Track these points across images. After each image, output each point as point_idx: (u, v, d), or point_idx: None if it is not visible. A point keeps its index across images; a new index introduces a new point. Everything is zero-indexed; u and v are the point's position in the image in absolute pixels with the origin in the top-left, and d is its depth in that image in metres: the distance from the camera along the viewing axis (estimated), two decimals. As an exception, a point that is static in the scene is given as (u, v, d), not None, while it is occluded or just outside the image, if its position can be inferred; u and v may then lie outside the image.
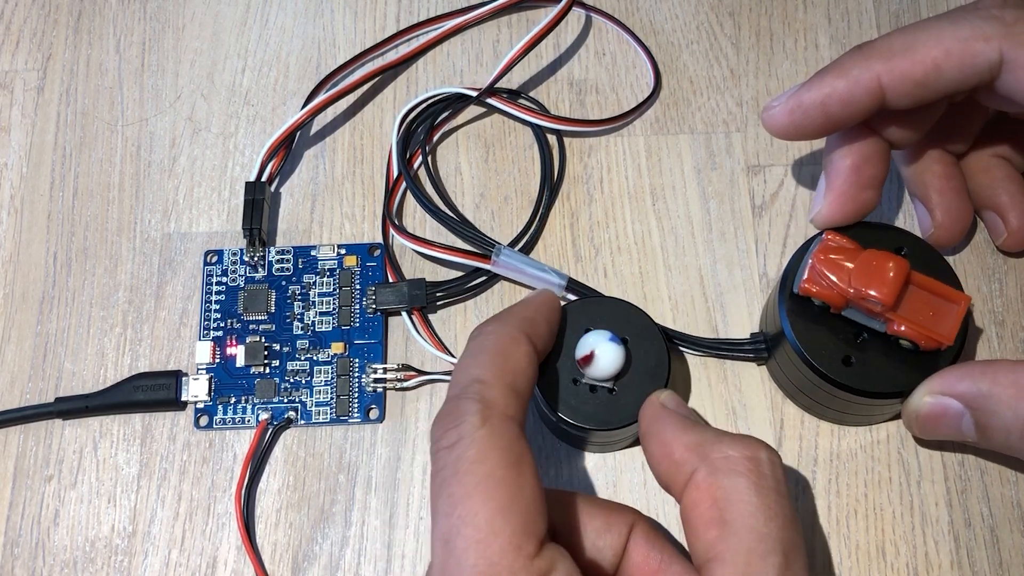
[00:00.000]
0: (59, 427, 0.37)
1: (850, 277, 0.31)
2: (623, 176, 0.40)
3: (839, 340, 0.32)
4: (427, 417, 0.36)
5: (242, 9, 0.43)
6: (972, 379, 0.30)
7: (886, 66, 0.30)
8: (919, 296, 0.31)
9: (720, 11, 0.42)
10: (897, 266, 0.31)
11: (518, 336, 0.29)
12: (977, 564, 0.34)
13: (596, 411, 0.32)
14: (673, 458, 0.28)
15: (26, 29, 0.43)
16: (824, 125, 0.32)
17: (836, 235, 0.32)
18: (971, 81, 0.30)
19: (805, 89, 0.31)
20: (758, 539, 0.25)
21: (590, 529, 0.28)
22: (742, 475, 0.26)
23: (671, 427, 0.28)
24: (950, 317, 0.31)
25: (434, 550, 0.25)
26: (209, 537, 0.35)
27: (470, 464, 0.25)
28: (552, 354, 0.33)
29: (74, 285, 0.39)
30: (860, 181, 0.33)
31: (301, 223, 0.39)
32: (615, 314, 0.33)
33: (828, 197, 0.33)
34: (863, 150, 0.33)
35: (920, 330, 0.31)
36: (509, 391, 0.27)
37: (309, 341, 0.37)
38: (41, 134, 0.41)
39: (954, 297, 0.31)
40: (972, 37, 0.30)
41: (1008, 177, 0.36)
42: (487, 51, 0.42)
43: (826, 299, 0.32)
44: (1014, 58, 0.29)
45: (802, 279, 0.32)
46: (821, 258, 0.32)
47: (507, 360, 0.28)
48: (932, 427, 0.32)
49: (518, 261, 0.37)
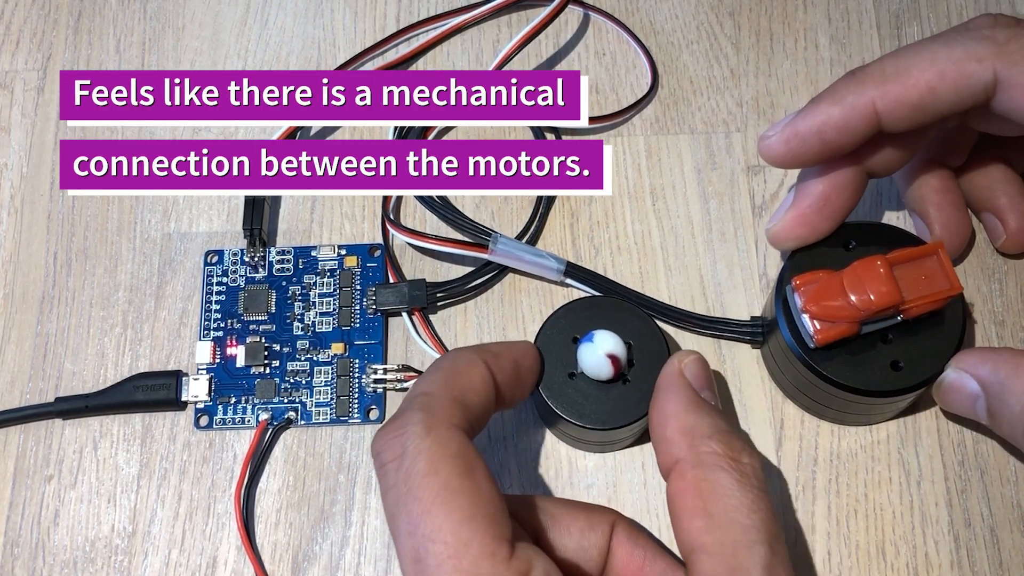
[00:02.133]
0: (59, 427, 0.37)
1: (850, 301, 0.31)
2: (623, 176, 0.40)
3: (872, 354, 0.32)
4: (427, 417, 0.36)
5: (242, 9, 0.43)
6: (993, 364, 0.31)
7: (880, 91, 0.30)
8: (904, 272, 0.31)
9: (720, 11, 0.42)
10: (881, 263, 0.31)
11: (475, 360, 0.29)
12: (977, 564, 0.34)
13: (596, 411, 0.32)
14: (664, 433, 0.28)
15: (26, 29, 0.43)
16: (821, 152, 0.32)
17: (802, 277, 0.32)
18: (966, 102, 0.30)
19: (800, 118, 0.31)
20: (742, 531, 0.26)
21: (574, 529, 0.28)
22: (725, 471, 0.27)
23: (675, 400, 0.29)
24: (939, 269, 0.31)
25: (404, 570, 0.25)
26: (209, 537, 0.35)
27: (423, 477, 0.24)
28: (552, 354, 0.33)
29: (74, 285, 0.39)
30: (824, 209, 0.33)
31: (301, 223, 0.40)
32: (615, 314, 0.33)
33: (788, 215, 0.33)
34: (837, 179, 0.32)
35: (930, 298, 0.31)
36: (454, 402, 0.27)
37: (309, 341, 0.37)
38: (41, 134, 0.41)
39: (928, 251, 0.31)
40: (965, 58, 0.30)
41: (1007, 179, 0.36)
42: (487, 51, 0.42)
43: (845, 334, 0.31)
44: (1008, 78, 0.29)
45: (812, 337, 0.31)
46: (812, 308, 0.31)
47: (457, 377, 0.28)
48: (950, 400, 0.32)
49: (515, 248, 0.37)
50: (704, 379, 0.30)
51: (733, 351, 0.37)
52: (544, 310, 0.37)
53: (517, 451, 0.36)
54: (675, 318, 0.36)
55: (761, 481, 0.27)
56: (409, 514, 0.24)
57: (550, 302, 0.38)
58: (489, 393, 0.29)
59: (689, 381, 0.30)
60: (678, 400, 0.29)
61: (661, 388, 0.30)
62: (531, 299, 0.38)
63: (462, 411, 0.27)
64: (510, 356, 0.30)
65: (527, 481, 0.35)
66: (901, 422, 0.35)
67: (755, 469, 0.27)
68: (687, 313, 0.36)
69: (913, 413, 0.35)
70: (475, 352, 0.29)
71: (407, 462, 0.25)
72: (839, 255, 0.33)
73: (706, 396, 0.30)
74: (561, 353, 0.33)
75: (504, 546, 0.24)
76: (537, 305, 0.38)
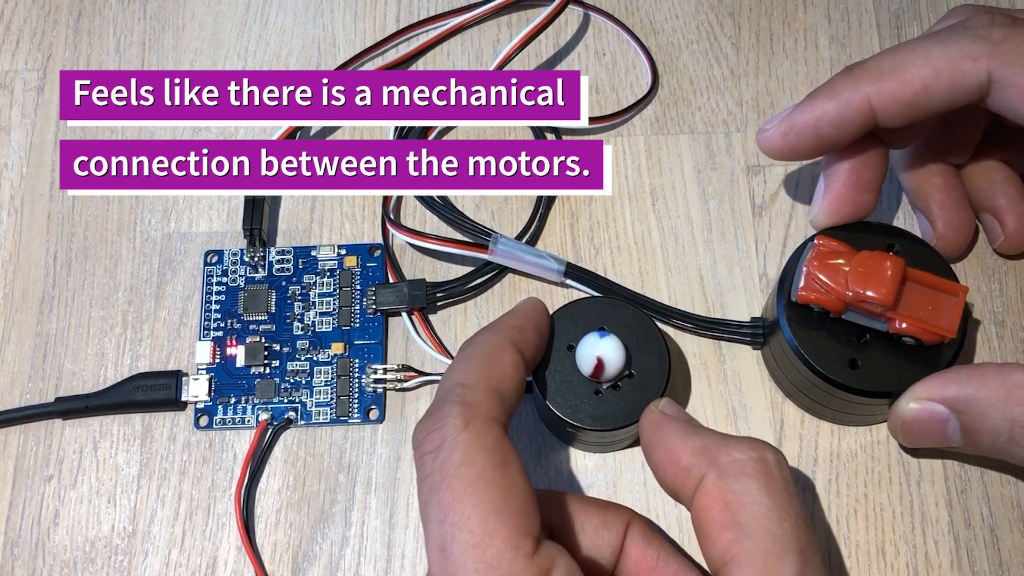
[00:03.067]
0: (59, 427, 0.37)
1: (847, 280, 0.31)
2: (623, 176, 0.40)
3: (841, 344, 0.32)
4: (427, 417, 0.36)
5: (242, 9, 0.43)
6: (958, 383, 0.30)
7: (875, 87, 0.31)
8: (917, 292, 0.31)
9: (720, 11, 0.42)
10: (893, 265, 0.31)
11: (505, 343, 0.29)
12: (977, 564, 0.34)
13: (596, 411, 0.32)
14: (680, 464, 0.27)
15: (26, 29, 0.43)
16: (817, 146, 0.32)
17: (828, 239, 0.32)
18: (961, 100, 0.30)
19: (798, 111, 0.32)
20: (773, 540, 0.25)
21: (588, 527, 0.28)
22: (752, 477, 0.26)
23: (675, 433, 0.28)
24: (950, 309, 0.31)
25: (430, 558, 0.25)
26: (209, 537, 0.35)
27: (457, 468, 0.25)
28: (552, 354, 0.33)
29: (74, 285, 0.39)
30: (858, 184, 0.33)
31: (301, 223, 0.40)
32: (615, 314, 0.33)
33: (827, 199, 0.33)
34: (861, 152, 0.33)
35: (922, 325, 0.31)
36: (492, 394, 0.27)
37: (309, 341, 0.37)
38: (41, 134, 0.41)
39: (951, 289, 0.31)
40: (961, 57, 0.30)
41: (1006, 180, 0.36)
42: (487, 51, 0.42)
43: (825, 305, 0.32)
44: (1002, 77, 0.29)
45: (799, 287, 0.32)
46: (816, 264, 0.32)
47: (492, 365, 0.28)
48: (917, 433, 0.32)
49: (516, 248, 0.37)
50: (684, 413, 0.30)
51: (733, 351, 0.37)
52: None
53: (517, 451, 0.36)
54: (676, 319, 0.36)
55: (788, 480, 0.26)
56: (440, 502, 0.25)
57: (550, 302, 0.37)
58: (522, 376, 0.29)
59: (674, 417, 0.29)
60: (677, 432, 0.28)
61: (653, 431, 0.29)
62: (531, 299, 0.38)
63: (499, 402, 0.27)
64: (531, 326, 0.31)
65: (527, 481, 0.35)
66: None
67: (781, 469, 0.26)
68: (687, 314, 0.36)
69: (913, 413, 0.35)
70: (504, 335, 0.29)
71: (444, 452, 0.25)
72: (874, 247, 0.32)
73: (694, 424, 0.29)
74: (562, 353, 0.33)
75: (529, 541, 0.24)
76: (537, 305, 0.38)
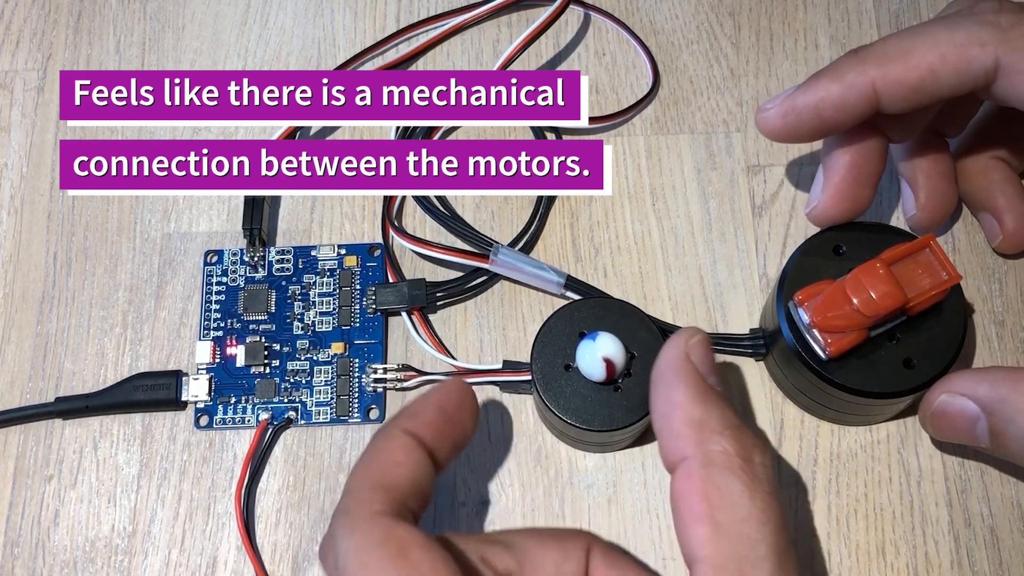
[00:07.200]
0: (59, 427, 0.37)
1: (857, 307, 0.30)
2: (623, 176, 0.40)
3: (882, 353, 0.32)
4: (427, 417, 0.36)
5: (242, 9, 0.43)
6: (991, 383, 0.30)
7: (881, 71, 0.30)
8: (902, 269, 0.31)
9: (720, 11, 0.42)
10: (881, 266, 0.30)
11: (392, 433, 0.27)
12: (977, 564, 0.34)
13: (597, 411, 0.32)
14: (670, 425, 0.27)
15: (26, 29, 0.43)
16: (818, 129, 0.32)
17: (802, 292, 0.32)
18: (967, 86, 0.30)
19: (800, 92, 0.31)
20: (751, 545, 0.25)
21: (548, 563, 0.26)
22: (737, 476, 0.25)
23: (683, 388, 0.27)
24: (936, 261, 0.31)
25: None
26: (209, 537, 0.35)
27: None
28: (552, 354, 0.33)
29: (74, 285, 0.39)
30: (858, 178, 0.33)
31: (301, 223, 0.40)
32: (615, 315, 0.33)
33: (826, 193, 0.33)
34: (862, 146, 0.33)
35: (932, 291, 0.31)
36: (375, 489, 0.26)
37: (309, 341, 0.37)
38: (41, 134, 0.41)
39: (921, 244, 0.31)
40: (968, 43, 0.29)
41: (1005, 179, 0.36)
42: (487, 51, 0.42)
43: (857, 340, 0.31)
44: (1010, 63, 0.29)
45: (826, 351, 0.31)
46: (818, 319, 0.31)
47: (375, 459, 0.27)
48: (946, 428, 0.32)
49: (516, 260, 0.37)
50: (709, 363, 0.28)
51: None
52: (544, 310, 0.37)
53: (517, 451, 0.36)
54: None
55: (772, 485, 0.26)
56: None
57: (550, 302, 0.38)
58: (417, 460, 0.27)
59: (696, 366, 0.28)
60: (685, 389, 0.27)
61: (665, 372, 0.28)
62: (531, 299, 0.38)
63: (383, 494, 0.26)
64: (431, 407, 0.28)
65: (527, 481, 0.35)
66: (901, 422, 0.35)
67: (767, 470, 0.26)
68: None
69: (913, 413, 0.35)
70: (393, 424, 0.28)
71: (340, 564, 0.24)
72: (833, 262, 0.33)
73: (712, 382, 0.28)
74: (562, 352, 0.33)
75: None
76: (537, 305, 0.38)
